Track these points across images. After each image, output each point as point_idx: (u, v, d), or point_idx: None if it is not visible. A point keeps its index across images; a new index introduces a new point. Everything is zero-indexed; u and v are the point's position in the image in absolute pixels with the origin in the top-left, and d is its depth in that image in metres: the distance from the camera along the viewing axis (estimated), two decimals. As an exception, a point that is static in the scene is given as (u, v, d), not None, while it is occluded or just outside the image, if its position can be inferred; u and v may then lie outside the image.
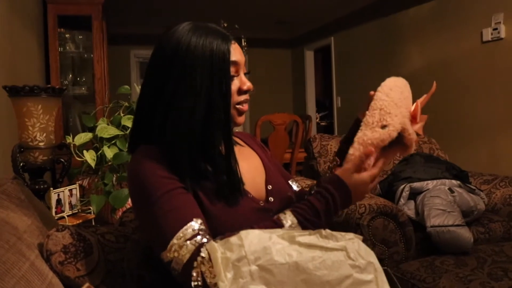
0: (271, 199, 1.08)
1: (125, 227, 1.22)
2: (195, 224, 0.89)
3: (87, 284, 0.77)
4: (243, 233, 0.84)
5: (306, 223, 0.94)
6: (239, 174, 1.02)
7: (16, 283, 0.83)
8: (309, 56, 7.06)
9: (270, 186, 1.11)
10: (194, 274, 0.83)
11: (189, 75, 0.96)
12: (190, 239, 0.87)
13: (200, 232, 0.88)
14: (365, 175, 0.97)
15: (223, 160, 1.01)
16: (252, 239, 0.82)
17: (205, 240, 0.87)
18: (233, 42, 1.01)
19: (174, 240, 0.87)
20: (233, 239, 0.83)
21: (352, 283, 0.81)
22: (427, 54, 4.24)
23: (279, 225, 0.93)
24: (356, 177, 0.96)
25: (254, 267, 0.78)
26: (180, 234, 0.87)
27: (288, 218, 0.94)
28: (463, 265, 1.73)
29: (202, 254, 0.85)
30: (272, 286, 0.78)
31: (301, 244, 0.83)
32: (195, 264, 0.84)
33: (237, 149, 1.09)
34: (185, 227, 0.88)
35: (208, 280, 0.82)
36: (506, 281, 1.57)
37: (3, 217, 1.00)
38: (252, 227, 0.91)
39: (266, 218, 0.98)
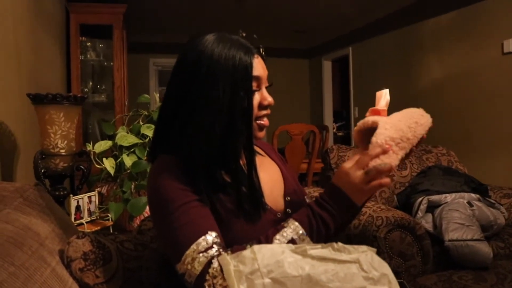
0: (289, 210, 1.08)
1: (143, 236, 1.23)
2: (209, 237, 0.89)
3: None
4: (255, 247, 0.85)
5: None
6: (261, 189, 1.02)
7: (38, 288, 0.85)
8: (327, 66, 7.06)
9: (289, 198, 1.11)
10: (207, 287, 0.84)
11: (211, 87, 0.96)
12: (203, 251, 0.87)
13: (214, 246, 0.88)
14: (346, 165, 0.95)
15: (244, 174, 1.01)
16: (265, 253, 0.83)
17: (218, 253, 0.88)
18: (256, 56, 1.01)
19: (188, 253, 0.87)
20: (246, 252, 0.84)
21: None
22: (446, 65, 4.21)
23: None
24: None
25: (267, 280, 0.79)
26: (194, 246, 0.88)
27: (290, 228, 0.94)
28: (482, 281, 1.70)
29: (214, 266, 0.85)
30: None
31: (313, 258, 0.83)
32: (207, 277, 0.85)
33: (257, 159, 1.09)
34: (199, 240, 0.88)
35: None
36: (526, 298, 1.54)
37: (26, 223, 1.02)
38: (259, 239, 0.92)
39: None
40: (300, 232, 0.93)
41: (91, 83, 3.77)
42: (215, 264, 0.85)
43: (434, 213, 2.06)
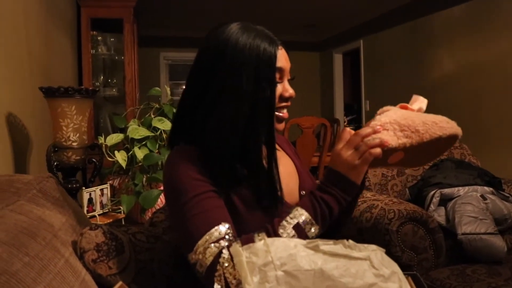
0: None
1: (155, 228, 1.24)
2: (223, 228, 0.89)
3: (120, 283, 0.78)
4: (268, 240, 0.85)
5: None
6: (280, 183, 1.01)
7: (53, 279, 0.86)
8: (338, 59, 7.01)
9: (303, 192, 1.10)
10: (217, 277, 0.84)
11: (234, 77, 0.95)
12: (215, 242, 0.87)
13: (226, 237, 0.88)
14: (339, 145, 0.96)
15: (263, 167, 1.00)
16: (278, 246, 0.83)
17: (229, 244, 0.88)
18: (280, 47, 1.01)
19: (200, 243, 0.87)
20: (259, 245, 0.84)
21: None
22: (458, 57, 4.16)
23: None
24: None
25: (280, 272, 0.79)
26: (206, 236, 0.88)
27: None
28: (496, 275, 1.69)
29: (225, 256, 0.85)
30: None
31: (325, 253, 0.83)
32: (218, 267, 0.85)
33: None
34: (212, 230, 0.88)
35: (230, 284, 0.83)
36: (541, 292, 1.52)
37: (39, 215, 1.03)
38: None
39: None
40: (304, 216, 0.93)
41: (102, 77, 3.79)
42: (225, 254, 0.85)
43: (446, 206, 2.04)
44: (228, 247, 0.86)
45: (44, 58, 2.34)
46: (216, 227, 0.88)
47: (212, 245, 0.86)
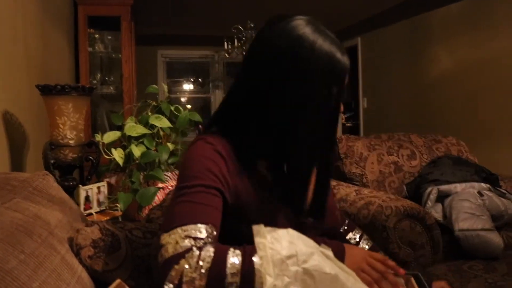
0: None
1: (152, 224, 1.24)
2: (208, 230, 0.85)
3: (118, 281, 0.78)
4: (290, 231, 0.84)
5: None
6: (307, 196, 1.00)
7: (48, 276, 0.86)
8: (335, 57, 6.99)
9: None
10: (173, 273, 0.79)
11: (304, 79, 0.91)
12: (193, 238, 0.82)
13: (205, 239, 0.83)
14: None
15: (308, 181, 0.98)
16: (302, 239, 0.83)
17: (206, 246, 0.82)
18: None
19: (179, 230, 0.83)
20: (283, 232, 0.83)
21: None
22: (455, 55, 4.16)
23: None
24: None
25: (300, 268, 0.78)
26: (188, 228, 0.83)
27: None
28: (493, 271, 1.69)
29: (194, 255, 0.80)
30: None
31: (335, 262, 0.84)
32: (181, 261, 0.79)
33: None
34: (196, 225, 0.84)
35: (183, 283, 0.78)
36: (537, 288, 1.53)
37: (35, 212, 1.03)
38: None
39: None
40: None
41: (99, 75, 3.79)
42: (195, 254, 0.80)
43: (444, 203, 2.04)
44: (200, 249, 0.81)
45: (40, 56, 2.33)
46: (201, 225, 0.84)
47: (188, 240, 0.82)
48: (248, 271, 0.80)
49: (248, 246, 0.83)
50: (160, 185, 1.84)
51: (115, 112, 2.78)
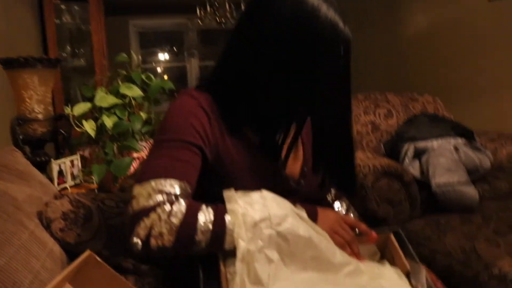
0: (302, 182, 1.03)
1: (125, 193, 1.21)
2: (181, 186, 0.82)
3: (87, 252, 0.76)
4: (264, 192, 0.82)
5: None
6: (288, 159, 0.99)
7: (16, 252, 0.83)
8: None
9: (306, 168, 1.05)
10: (142, 226, 0.76)
11: (305, 47, 0.88)
12: (166, 193, 0.80)
13: (178, 195, 0.81)
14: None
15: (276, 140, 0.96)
16: (275, 201, 0.81)
17: (178, 202, 0.80)
18: None
19: (153, 183, 0.80)
20: (255, 196, 0.81)
21: (352, 270, 0.82)
22: (432, 12, 4.13)
23: None
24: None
25: (274, 231, 0.77)
26: (161, 181, 0.80)
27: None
28: (469, 222, 1.73)
29: (164, 210, 0.77)
30: (283, 254, 0.77)
31: (308, 224, 0.83)
32: (150, 214, 0.77)
33: None
34: (171, 180, 0.81)
35: (153, 241, 0.76)
36: (511, 235, 1.56)
37: (1, 188, 0.99)
38: None
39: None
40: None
41: (69, 48, 3.67)
42: (166, 209, 0.78)
43: (421, 159, 2.06)
44: (172, 203, 0.79)
45: (3, 29, 2.23)
46: (176, 181, 0.82)
47: (161, 194, 0.79)
48: (219, 229, 0.78)
49: (221, 205, 0.81)
50: (135, 155, 1.80)
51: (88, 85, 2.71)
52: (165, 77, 7.02)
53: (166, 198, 0.79)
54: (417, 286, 0.81)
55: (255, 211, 0.77)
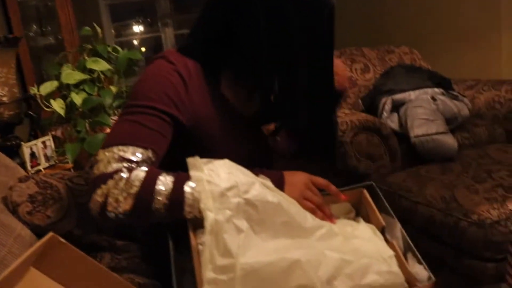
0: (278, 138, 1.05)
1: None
2: (143, 154, 0.81)
3: (50, 234, 0.74)
4: (227, 161, 0.80)
5: None
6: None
7: (-22, 240, 0.81)
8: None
9: (279, 138, 1.07)
10: (99, 193, 0.76)
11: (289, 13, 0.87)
12: (126, 159, 0.79)
13: (139, 163, 0.80)
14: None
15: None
16: (240, 170, 0.79)
17: (137, 169, 0.78)
18: None
19: (115, 149, 0.79)
20: (219, 164, 0.78)
21: (325, 233, 0.80)
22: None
23: None
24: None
25: (242, 200, 0.74)
26: (125, 148, 0.79)
27: None
28: (449, 171, 1.73)
29: (122, 177, 0.76)
30: (252, 223, 0.75)
31: (276, 192, 0.81)
32: (109, 181, 0.76)
33: None
34: (134, 148, 0.80)
35: (109, 208, 0.76)
36: (489, 182, 1.57)
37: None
38: None
39: None
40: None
41: (35, 26, 3.54)
42: (124, 176, 0.77)
43: (399, 112, 2.05)
44: (130, 171, 0.77)
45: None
46: (140, 149, 0.80)
47: (122, 162, 0.78)
48: (177, 198, 0.76)
49: (183, 173, 0.79)
50: (108, 130, 1.76)
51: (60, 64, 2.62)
52: (142, 49, 6.87)
53: (126, 165, 0.78)
54: (391, 241, 0.80)
55: (221, 179, 0.74)
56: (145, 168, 0.79)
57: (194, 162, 0.77)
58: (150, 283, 0.98)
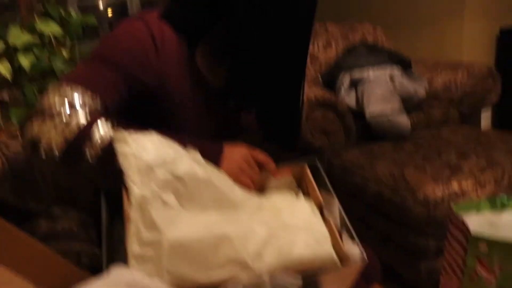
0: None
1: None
2: (90, 99, 0.80)
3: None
4: (155, 135, 0.77)
5: None
6: None
7: None
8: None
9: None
10: (35, 129, 0.76)
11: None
12: (69, 102, 0.78)
13: (83, 106, 0.79)
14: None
15: None
16: (167, 144, 0.76)
17: (79, 113, 0.78)
18: None
19: (64, 83, 0.80)
20: (147, 138, 0.75)
21: (255, 208, 0.80)
22: None
23: None
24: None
25: (169, 174, 0.72)
26: (72, 87, 0.79)
27: None
28: (400, 150, 1.77)
29: (64, 120, 0.76)
30: (180, 198, 0.73)
31: (203, 165, 0.79)
32: (47, 120, 0.75)
33: None
34: (83, 92, 0.79)
35: (43, 146, 0.75)
36: (438, 162, 1.61)
37: None
38: None
39: None
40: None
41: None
42: (64, 119, 0.76)
43: (357, 89, 2.06)
44: (71, 115, 0.77)
45: None
46: (87, 93, 0.80)
47: (64, 104, 0.77)
48: (110, 149, 0.74)
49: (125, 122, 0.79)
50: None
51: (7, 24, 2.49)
52: (109, 13, 6.66)
53: (67, 107, 0.77)
54: (328, 219, 0.80)
55: (148, 153, 0.71)
56: (86, 114, 0.78)
57: (120, 135, 0.74)
58: (90, 250, 0.96)
